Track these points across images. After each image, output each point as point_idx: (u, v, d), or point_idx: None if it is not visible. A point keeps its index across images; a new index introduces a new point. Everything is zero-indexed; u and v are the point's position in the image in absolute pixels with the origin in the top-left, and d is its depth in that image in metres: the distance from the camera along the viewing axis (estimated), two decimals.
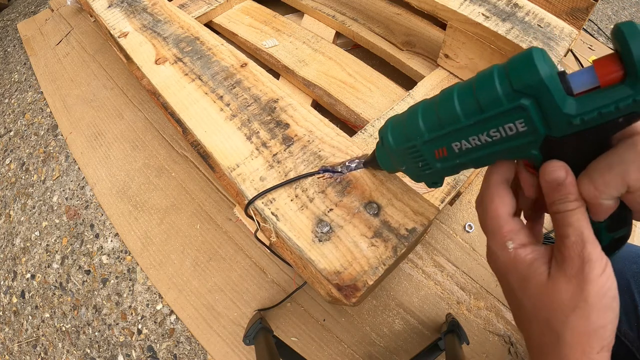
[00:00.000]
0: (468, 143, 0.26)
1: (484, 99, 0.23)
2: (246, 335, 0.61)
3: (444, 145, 0.27)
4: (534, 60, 0.21)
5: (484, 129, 0.24)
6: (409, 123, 0.29)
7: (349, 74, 0.81)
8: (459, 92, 0.25)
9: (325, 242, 0.42)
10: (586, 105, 0.20)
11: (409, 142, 0.30)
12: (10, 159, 1.13)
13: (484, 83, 0.23)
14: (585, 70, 0.21)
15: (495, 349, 0.65)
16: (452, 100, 0.25)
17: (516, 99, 0.22)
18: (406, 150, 0.30)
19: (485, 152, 0.25)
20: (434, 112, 0.27)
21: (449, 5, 0.63)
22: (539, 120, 0.22)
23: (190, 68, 0.64)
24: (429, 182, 0.33)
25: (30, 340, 0.82)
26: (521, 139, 0.23)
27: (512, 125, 0.23)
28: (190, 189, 0.88)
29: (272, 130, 0.53)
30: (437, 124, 0.27)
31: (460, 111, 0.25)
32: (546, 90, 0.21)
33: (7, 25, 1.66)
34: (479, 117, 0.24)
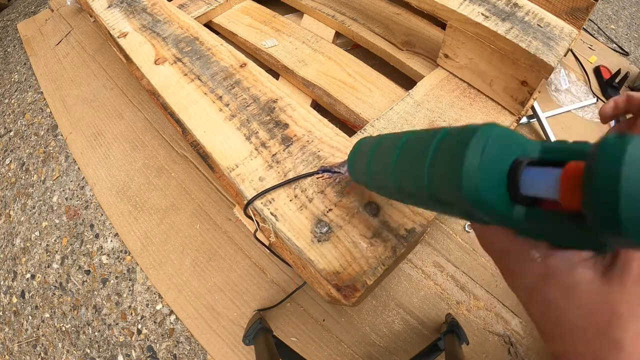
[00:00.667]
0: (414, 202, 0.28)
1: (437, 192, 0.23)
2: (246, 335, 0.61)
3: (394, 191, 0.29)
4: (461, 174, 0.18)
5: (432, 206, 0.24)
6: (362, 167, 0.34)
7: (348, 74, 0.81)
8: (396, 169, 0.27)
9: (324, 242, 0.42)
10: (536, 222, 0.18)
11: (364, 176, 0.34)
12: (10, 159, 1.13)
13: (415, 179, 0.24)
14: (549, 175, 0.17)
15: (495, 349, 0.65)
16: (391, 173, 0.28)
17: (465, 203, 0.19)
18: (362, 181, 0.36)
19: (435, 209, 0.26)
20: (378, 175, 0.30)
21: (448, 5, 0.63)
22: (489, 218, 0.20)
23: (190, 68, 0.64)
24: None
25: (30, 340, 0.82)
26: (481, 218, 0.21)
27: (453, 214, 0.23)
28: (190, 189, 0.88)
29: (271, 130, 0.53)
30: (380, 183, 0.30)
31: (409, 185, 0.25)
32: (491, 208, 0.18)
33: (7, 25, 1.66)
34: (428, 200, 0.24)
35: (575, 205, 0.15)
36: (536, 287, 0.21)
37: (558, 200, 0.16)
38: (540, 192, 0.17)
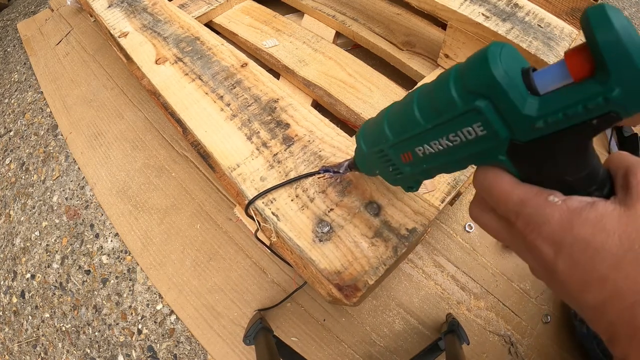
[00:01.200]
0: (430, 148, 0.25)
1: (440, 102, 0.22)
2: (246, 335, 0.61)
3: (408, 149, 0.26)
4: (487, 57, 0.19)
5: (443, 133, 0.23)
6: (377, 127, 0.29)
7: (349, 74, 0.81)
8: (419, 95, 0.24)
9: (325, 242, 0.42)
10: (549, 106, 0.18)
11: (376, 146, 0.29)
12: (10, 158, 1.13)
13: (440, 85, 0.22)
14: (554, 65, 0.18)
15: (495, 349, 0.65)
16: (413, 103, 0.24)
17: (470, 100, 0.20)
18: (376, 154, 0.30)
19: (450, 157, 0.24)
20: (397, 116, 0.27)
21: (449, 5, 0.63)
22: (498, 123, 0.20)
23: (191, 68, 0.64)
24: (405, 186, 0.32)
25: (30, 340, 0.82)
26: (483, 143, 0.21)
27: (471, 129, 0.21)
28: (191, 189, 0.88)
29: (272, 130, 0.53)
30: (400, 127, 0.26)
31: (419, 115, 0.24)
32: (500, 90, 0.19)
33: (7, 25, 1.66)
34: (436, 120, 0.23)
35: (585, 73, 0.17)
36: (564, 228, 0.19)
37: (570, 79, 0.17)
38: (554, 82, 0.18)
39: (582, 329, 0.58)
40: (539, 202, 0.20)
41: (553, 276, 0.21)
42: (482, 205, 0.25)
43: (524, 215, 0.21)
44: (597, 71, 0.16)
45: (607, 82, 0.16)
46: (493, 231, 0.25)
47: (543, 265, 0.21)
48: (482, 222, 0.25)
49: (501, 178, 0.22)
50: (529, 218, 0.21)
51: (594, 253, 0.18)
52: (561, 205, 0.20)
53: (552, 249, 0.20)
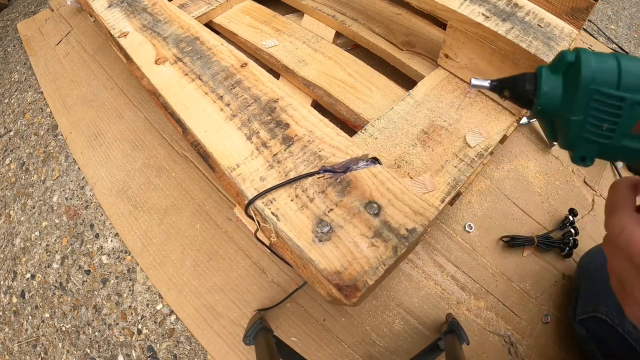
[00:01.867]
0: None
1: None
2: (246, 335, 0.61)
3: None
4: None
5: None
6: (635, 68, 0.21)
7: (349, 74, 0.81)
8: None
9: (325, 242, 0.42)
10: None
11: (619, 90, 0.21)
12: (10, 158, 1.13)
13: None
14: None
15: (495, 349, 0.65)
16: None
17: None
18: (605, 98, 0.22)
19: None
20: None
21: (449, 5, 0.63)
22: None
23: (190, 68, 0.64)
24: (578, 155, 0.25)
25: (30, 340, 0.82)
26: None
27: None
28: (190, 189, 0.88)
29: (272, 130, 0.53)
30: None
31: None
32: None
33: (7, 25, 1.66)
34: None
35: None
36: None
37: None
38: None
39: (581, 332, 0.58)
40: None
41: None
42: (638, 218, 0.23)
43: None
44: None
45: None
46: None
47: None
48: (633, 237, 0.23)
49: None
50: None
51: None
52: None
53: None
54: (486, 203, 0.78)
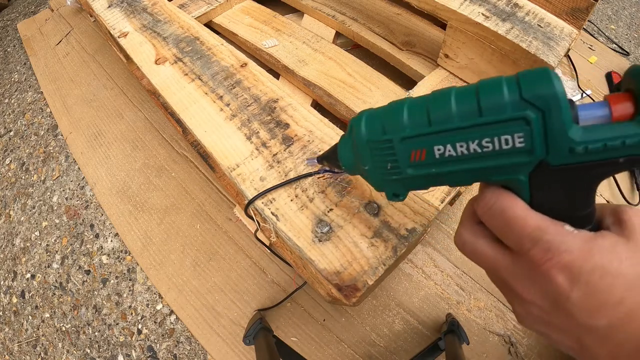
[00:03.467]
0: (453, 149, 0.22)
1: (487, 102, 0.21)
2: (246, 335, 0.61)
3: (424, 146, 0.24)
4: (549, 73, 0.20)
5: (477, 136, 0.21)
6: (391, 114, 0.26)
7: (349, 74, 0.81)
8: (458, 91, 0.23)
9: (325, 242, 0.42)
10: (592, 135, 0.19)
11: (385, 135, 0.25)
12: (10, 159, 1.13)
13: (489, 86, 0.21)
14: (596, 104, 0.20)
15: (495, 349, 0.65)
16: (449, 97, 0.22)
17: (522, 108, 0.20)
18: (378, 145, 0.26)
19: (468, 165, 0.23)
20: (424, 107, 0.24)
21: (449, 5, 0.63)
22: (540, 139, 0.20)
23: (190, 68, 0.64)
24: (390, 193, 0.29)
25: (30, 340, 0.82)
26: (514, 157, 0.21)
27: (509, 138, 0.21)
28: (190, 189, 0.88)
29: (272, 130, 0.53)
30: (425, 120, 0.23)
31: (455, 110, 0.22)
32: (557, 106, 0.19)
33: (7, 25, 1.66)
34: (475, 120, 0.21)
35: (624, 117, 0.19)
36: (584, 257, 0.20)
37: (609, 119, 0.20)
38: (594, 118, 0.20)
39: None
40: (558, 230, 0.21)
41: (559, 307, 0.21)
42: (477, 230, 0.24)
43: (543, 242, 0.21)
44: (637, 115, 0.19)
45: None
46: (488, 259, 0.23)
47: (551, 296, 0.21)
48: (475, 249, 0.24)
49: (516, 201, 0.22)
50: (548, 245, 0.20)
51: (611, 278, 0.19)
52: (580, 234, 0.21)
53: (568, 277, 0.20)
54: None
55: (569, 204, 0.21)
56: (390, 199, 0.29)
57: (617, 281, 0.19)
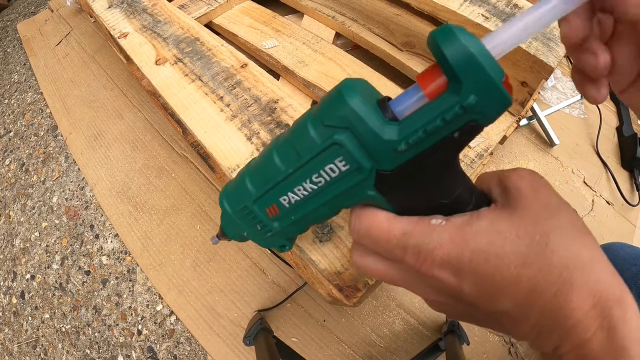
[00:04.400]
0: (295, 195, 0.23)
1: (298, 143, 0.21)
2: (246, 335, 0.61)
3: (272, 201, 0.25)
4: (340, 90, 0.19)
5: (306, 175, 0.22)
6: (239, 183, 0.27)
7: (348, 75, 0.81)
8: (278, 142, 0.24)
9: (326, 242, 0.42)
10: (409, 126, 0.18)
11: (241, 203, 0.27)
12: (10, 159, 1.13)
13: (297, 127, 0.22)
14: (409, 90, 0.19)
15: (495, 349, 0.65)
16: (272, 151, 0.23)
17: (329, 135, 0.20)
18: (241, 214, 0.28)
19: (317, 202, 0.23)
20: (258, 167, 0.25)
21: (448, 6, 0.64)
22: (359, 154, 0.19)
23: (191, 69, 0.64)
24: (277, 246, 0.30)
25: (30, 341, 0.82)
26: (349, 179, 0.21)
27: (333, 166, 0.20)
28: (190, 190, 0.88)
29: (272, 130, 0.53)
30: (261, 178, 0.25)
31: (278, 161, 0.23)
32: (358, 119, 0.19)
33: (6, 25, 1.66)
34: (297, 163, 0.22)
35: (438, 91, 0.18)
36: (458, 246, 0.19)
37: (426, 100, 0.18)
38: (412, 106, 0.19)
39: None
40: (423, 229, 0.20)
41: (460, 300, 0.20)
42: (362, 250, 0.23)
43: (411, 247, 0.20)
44: (450, 84, 0.17)
45: (461, 90, 0.17)
46: (382, 274, 0.23)
47: (447, 292, 0.20)
48: (367, 268, 0.23)
49: (375, 216, 0.21)
50: (417, 248, 0.19)
51: (497, 259, 0.18)
52: (447, 225, 0.19)
53: (452, 272, 0.19)
54: None
55: (429, 197, 0.21)
56: (280, 251, 0.31)
57: (504, 261, 0.18)
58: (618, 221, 0.77)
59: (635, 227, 0.76)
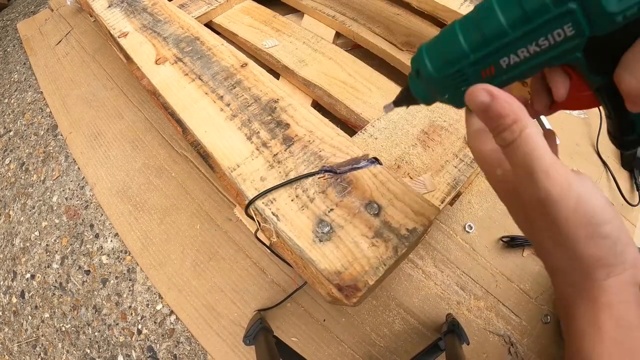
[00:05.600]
0: (517, 57, 0.25)
1: (531, 7, 0.23)
2: (246, 335, 0.61)
3: (491, 63, 0.26)
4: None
5: (533, 39, 0.24)
6: (450, 46, 0.27)
7: (349, 74, 0.81)
8: (500, 3, 0.24)
9: (325, 242, 0.42)
10: (627, 1, 0.21)
11: (453, 67, 0.27)
12: (9, 158, 1.13)
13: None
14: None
15: (495, 349, 0.65)
16: (495, 12, 0.24)
17: (563, 3, 0.22)
18: (449, 77, 0.28)
19: (533, 62, 0.25)
20: (477, 29, 0.26)
21: (449, 5, 0.64)
22: (584, 21, 0.22)
23: (191, 68, 0.64)
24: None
25: (30, 340, 0.82)
26: (568, 43, 0.23)
27: (561, 31, 0.23)
28: (190, 189, 0.88)
29: (272, 130, 0.53)
30: (482, 41, 0.25)
31: (505, 23, 0.24)
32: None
33: (6, 25, 1.66)
34: (527, 27, 0.23)
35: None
36: (505, 195, 0.28)
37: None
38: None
39: None
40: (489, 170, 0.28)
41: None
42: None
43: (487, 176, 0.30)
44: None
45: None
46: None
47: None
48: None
49: (482, 144, 0.29)
50: (489, 175, 0.29)
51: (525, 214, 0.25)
52: (500, 175, 0.27)
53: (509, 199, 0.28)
54: (486, 203, 0.78)
55: (617, 59, 0.23)
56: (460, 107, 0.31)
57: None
58: None
59: (635, 227, 0.76)
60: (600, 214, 0.22)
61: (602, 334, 0.22)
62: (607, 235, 0.22)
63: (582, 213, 0.22)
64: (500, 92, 0.23)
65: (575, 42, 0.23)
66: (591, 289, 0.22)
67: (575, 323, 0.23)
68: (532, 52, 0.24)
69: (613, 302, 0.22)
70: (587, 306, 0.23)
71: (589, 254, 0.22)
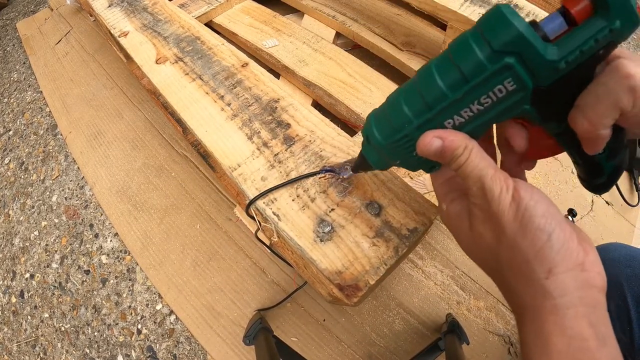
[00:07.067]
0: (461, 117, 0.25)
1: (467, 68, 0.22)
2: (246, 335, 0.61)
3: (437, 126, 0.26)
4: (506, 16, 0.21)
5: (474, 98, 0.23)
6: (394, 113, 0.27)
7: (349, 74, 0.81)
8: (438, 67, 0.24)
9: (326, 242, 0.42)
10: (567, 47, 0.21)
11: (398, 133, 0.27)
12: (9, 158, 1.12)
13: (461, 51, 0.23)
14: (554, 15, 0.22)
15: (495, 349, 0.65)
16: (433, 77, 0.24)
17: (499, 59, 0.21)
18: (398, 143, 0.28)
19: (479, 121, 0.25)
20: (417, 95, 0.26)
21: (449, 6, 0.64)
22: (525, 74, 0.22)
23: (191, 68, 0.64)
24: (427, 168, 0.31)
25: (30, 340, 0.82)
26: (512, 98, 0.23)
27: (502, 87, 0.22)
28: (190, 189, 0.87)
29: (273, 130, 0.53)
30: (424, 106, 0.25)
31: (444, 87, 0.24)
32: (527, 43, 0.21)
33: (6, 24, 1.66)
34: (465, 87, 0.23)
35: (585, 15, 0.21)
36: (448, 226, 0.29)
37: (568, 28, 0.21)
38: (560, 29, 0.22)
39: None
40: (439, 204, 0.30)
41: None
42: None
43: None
44: (598, 10, 0.20)
45: (609, 16, 0.20)
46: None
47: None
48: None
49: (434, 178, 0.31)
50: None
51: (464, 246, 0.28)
52: (445, 211, 0.29)
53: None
54: None
55: (571, 104, 0.24)
56: (428, 172, 0.31)
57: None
58: (617, 221, 0.77)
59: (635, 227, 0.76)
60: (534, 208, 0.22)
61: (549, 348, 0.20)
62: (540, 227, 0.22)
63: (517, 204, 0.22)
64: (446, 131, 0.24)
65: (520, 95, 0.23)
66: (534, 292, 0.21)
67: (524, 330, 0.22)
68: (476, 110, 0.24)
69: (558, 308, 0.20)
70: (533, 313, 0.21)
71: (525, 245, 0.22)
